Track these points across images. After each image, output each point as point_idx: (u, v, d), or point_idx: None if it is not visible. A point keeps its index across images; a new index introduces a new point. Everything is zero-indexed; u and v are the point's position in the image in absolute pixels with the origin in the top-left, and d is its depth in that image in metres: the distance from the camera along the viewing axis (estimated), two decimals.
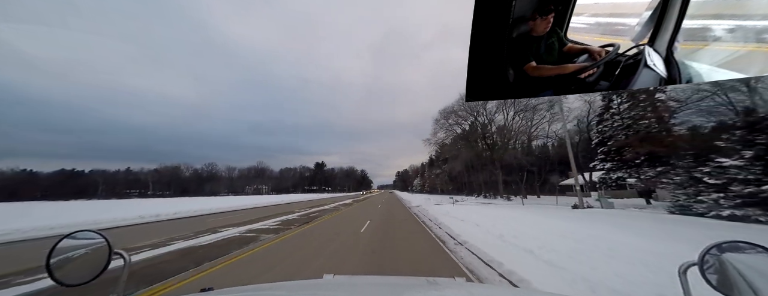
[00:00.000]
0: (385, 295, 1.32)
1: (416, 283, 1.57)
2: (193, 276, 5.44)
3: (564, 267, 5.22)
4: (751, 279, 0.83)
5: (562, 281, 4.58)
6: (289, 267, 6.07)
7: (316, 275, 3.51)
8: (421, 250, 7.51)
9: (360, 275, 4.82)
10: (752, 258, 0.87)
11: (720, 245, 0.93)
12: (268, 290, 1.37)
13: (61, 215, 18.87)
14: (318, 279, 1.81)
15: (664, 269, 4.72)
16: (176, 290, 4.73)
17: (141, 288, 4.75)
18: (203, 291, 1.27)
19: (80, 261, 1.04)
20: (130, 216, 17.42)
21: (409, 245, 8.22)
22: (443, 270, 5.67)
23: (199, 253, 7.51)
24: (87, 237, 1.08)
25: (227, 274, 5.60)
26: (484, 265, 5.91)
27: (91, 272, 1.02)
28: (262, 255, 7.20)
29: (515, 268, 5.27)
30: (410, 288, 1.43)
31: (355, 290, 1.43)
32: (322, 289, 1.47)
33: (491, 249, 6.99)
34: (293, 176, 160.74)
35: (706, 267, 0.93)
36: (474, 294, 1.35)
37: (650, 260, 5.34)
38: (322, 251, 7.53)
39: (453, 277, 2.11)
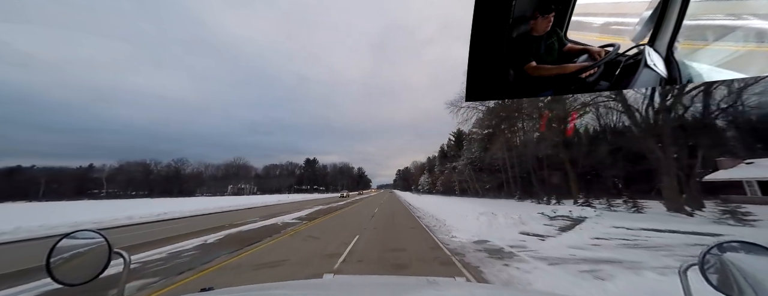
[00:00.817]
0: (385, 295, 1.32)
1: (416, 283, 1.57)
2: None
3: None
4: (751, 278, 0.82)
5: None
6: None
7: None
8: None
9: (360, 275, 4.82)
10: (753, 258, 0.87)
11: (721, 245, 0.93)
12: (268, 290, 1.37)
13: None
14: (318, 279, 1.81)
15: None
16: (176, 290, 4.73)
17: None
18: (203, 291, 1.27)
19: (80, 260, 1.04)
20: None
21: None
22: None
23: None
24: (87, 237, 1.07)
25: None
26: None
27: (91, 272, 1.02)
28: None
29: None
30: (410, 288, 1.43)
31: (355, 290, 1.43)
32: (322, 289, 1.47)
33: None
34: (280, 174, 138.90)
35: (706, 267, 0.92)
36: (474, 294, 1.35)
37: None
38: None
39: (453, 277, 2.11)
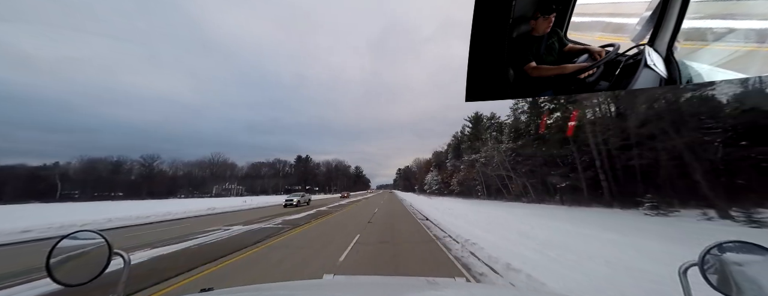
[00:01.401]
0: (385, 295, 1.32)
1: (416, 283, 1.57)
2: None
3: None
4: (751, 279, 0.83)
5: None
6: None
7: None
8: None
9: (360, 275, 4.83)
10: (753, 259, 0.87)
11: (721, 245, 0.93)
12: (268, 290, 1.37)
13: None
14: (318, 280, 1.81)
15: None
16: (176, 290, 4.73)
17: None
18: (203, 291, 1.27)
19: (80, 261, 1.04)
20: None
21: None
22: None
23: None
24: (87, 237, 1.07)
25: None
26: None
27: (91, 272, 1.02)
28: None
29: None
30: (410, 288, 1.43)
31: (355, 290, 1.43)
32: (322, 289, 1.47)
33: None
34: (268, 174, 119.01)
35: (706, 267, 0.92)
36: (474, 294, 1.35)
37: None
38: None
39: (453, 277, 2.11)
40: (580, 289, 4.20)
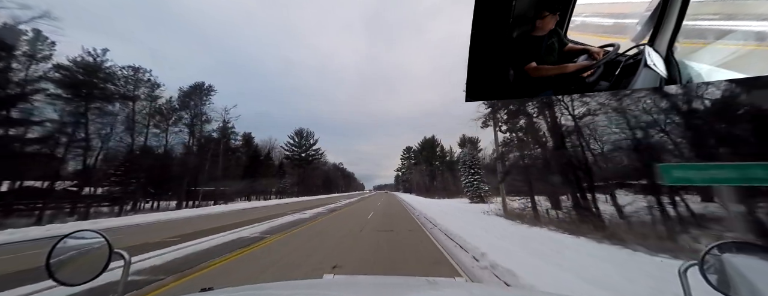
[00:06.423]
0: (385, 295, 1.32)
1: (416, 283, 1.57)
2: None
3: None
4: (751, 279, 0.82)
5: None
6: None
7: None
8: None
9: (360, 275, 4.83)
10: (753, 259, 0.87)
11: (720, 245, 0.93)
12: (268, 290, 1.37)
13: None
14: (318, 279, 1.81)
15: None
16: (176, 289, 4.73)
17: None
18: (203, 290, 1.27)
19: (80, 260, 1.03)
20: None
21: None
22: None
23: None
24: (87, 237, 1.07)
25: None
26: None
27: (91, 272, 1.02)
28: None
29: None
30: (410, 288, 1.44)
31: (355, 290, 1.43)
32: (322, 289, 1.47)
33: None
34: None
35: (706, 267, 0.92)
36: (474, 294, 1.35)
37: None
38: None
39: (453, 277, 2.12)
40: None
